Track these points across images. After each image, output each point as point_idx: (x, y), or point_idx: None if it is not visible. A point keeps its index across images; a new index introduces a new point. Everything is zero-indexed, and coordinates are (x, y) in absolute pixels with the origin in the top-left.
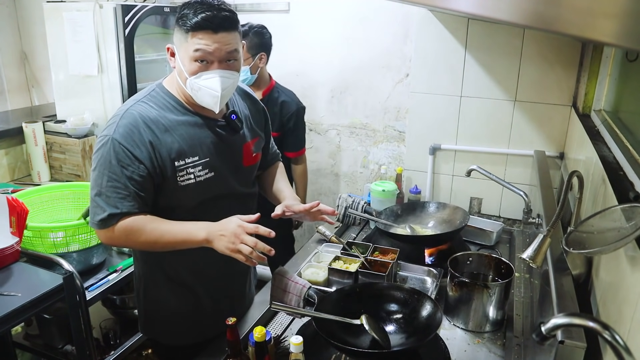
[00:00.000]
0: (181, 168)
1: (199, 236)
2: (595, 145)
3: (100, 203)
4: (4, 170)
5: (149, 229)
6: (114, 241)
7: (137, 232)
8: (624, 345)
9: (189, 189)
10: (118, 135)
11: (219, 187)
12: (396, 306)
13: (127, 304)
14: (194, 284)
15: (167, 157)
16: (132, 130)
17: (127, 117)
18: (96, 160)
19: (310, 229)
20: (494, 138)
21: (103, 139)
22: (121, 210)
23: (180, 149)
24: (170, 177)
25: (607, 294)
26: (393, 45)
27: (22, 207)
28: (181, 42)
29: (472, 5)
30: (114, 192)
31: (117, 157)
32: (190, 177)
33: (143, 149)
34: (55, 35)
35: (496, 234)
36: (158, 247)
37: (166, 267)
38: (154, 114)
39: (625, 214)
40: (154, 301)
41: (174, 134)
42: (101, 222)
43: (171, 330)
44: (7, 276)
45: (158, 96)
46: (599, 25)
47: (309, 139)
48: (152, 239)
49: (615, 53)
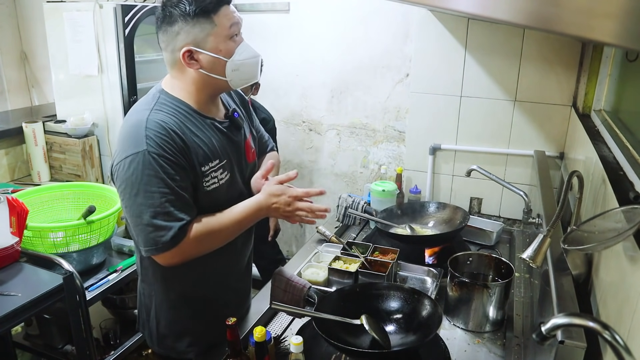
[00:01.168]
0: (207, 173)
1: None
2: (595, 145)
3: (162, 224)
4: (4, 170)
5: (216, 225)
6: (187, 253)
7: (208, 232)
8: (624, 345)
9: (213, 193)
10: (153, 146)
11: (233, 188)
12: (396, 306)
13: (127, 304)
14: (203, 295)
15: (196, 163)
16: (165, 139)
17: (153, 127)
18: (137, 181)
19: (310, 228)
20: (494, 138)
21: (135, 157)
22: (189, 219)
23: (203, 153)
24: (196, 183)
25: (607, 294)
26: (393, 45)
27: (22, 207)
28: (206, 31)
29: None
30: (171, 206)
31: (162, 170)
32: (215, 180)
33: (180, 155)
34: (55, 35)
35: (496, 234)
36: (228, 238)
37: (175, 285)
38: (172, 121)
39: (627, 216)
40: (165, 319)
41: (195, 139)
42: (172, 240)
43: (184, 344)
44: (7, 276)
45: (167, 103)
46: (599, 25)
47: (309, 138)
48: (222, 237)
49: (615, 53)
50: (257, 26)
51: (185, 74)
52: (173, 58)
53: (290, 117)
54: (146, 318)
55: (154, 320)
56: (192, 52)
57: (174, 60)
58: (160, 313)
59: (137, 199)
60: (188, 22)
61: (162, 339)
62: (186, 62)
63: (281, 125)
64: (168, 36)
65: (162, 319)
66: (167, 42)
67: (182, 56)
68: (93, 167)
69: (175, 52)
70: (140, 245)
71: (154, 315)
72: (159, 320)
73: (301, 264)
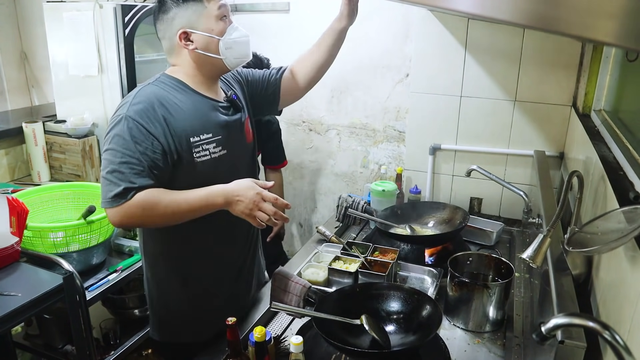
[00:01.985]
0: (197, 144)
1: (217, 201)
2: (595, 145)
3: (113, 179)
4: (4, 170)
5: (166, 200)
6: (129, 219)
7: (154, 204)
8: (624, 345)
9: (206, 165)
10: (132, 112)
11: (232, 165)
12: (396, 306)
13: (127, 304)
14: (207, 280)
15: (183, 134)
16: (146, 108)
17: (140, 96)
18: (109, 140)
19: (310, 229)
20: (494, 138)
21: (116, 118)
22: (138, 185)
23: (193, 126)
24: (186, 153)
25: (607, 294)
26: (393, 45)
27: (22, 207)
28: (198, 12)
29: (472, 5)
30: (127, 168)
31: (131, 133)
32: (206, 153)
33: (157, 125)
34: (55, 35)
35: (496, 234)
36: (176, 218)
37: (180, 265)
38: (165, 93)
39: (627, 216)
40: (167, 302)
41: (187, 112)
42: (115, 197)
43: (186, 328)
44: (7, 276)
45: (166, 80)
46: (599, 25)
47: (309, 138)
48: (169, 211)
49: (615, 53)
50: (257, 26)
51: (183, 56)
52: (171, 44)
53: (290, 117)
54: (151, 304)
55: (156, 304)
56: (187, 33)
57: (171, 46)
58: (164, 298)
59: (105, 154)
60: (180, 6)
61: (165, 325)
62: (183, 44)
63: (281, 125)
64: (165, 24)
65: (166, 304)
66: (164, 30)
67: (178, 38)
68: (93, 167)
69: (173, 37)
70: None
71: (157, 300)
72: (163, 305)
73: (301, 264)
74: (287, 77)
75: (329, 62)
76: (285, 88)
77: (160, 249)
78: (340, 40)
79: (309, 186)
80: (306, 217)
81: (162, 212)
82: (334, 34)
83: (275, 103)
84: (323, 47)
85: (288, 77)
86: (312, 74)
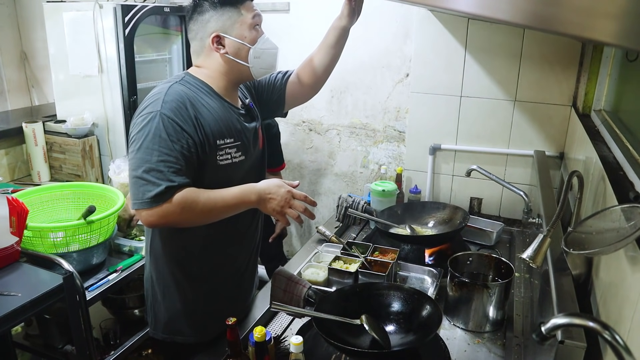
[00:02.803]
0: (221, 147)
1: (251, 198)
2: (595, 145)
3: (151, 179)
4: (4, 170)
5: (203, 198)
6: (168, 217)
7: (193, 202)
8: (624, 345)
9: (226, 169)
10: (166, 109)
11: (246, 170)
12: (396, 306)
13: (127, 304)
14: (213, 279)
15: (210, 135)
16: (179, 106)
17: (172, 94)
18: (142, 138)
19: (310, 229)
20: (494, 138)
21: (148, 115)
22: (178, 183)
23: (220, 128)
24: (210, 155)
25: (607, 294)
26: (393, 45)
27: (22, 207)
28: (234, 19)
29: (472, 5)
30: (166, 167)
31: (167, 131)
32: (228, 157)
33: (190, 123)
34: (55, 35)
35: (496, 234)
36: (213, 215)
37: (187, 264)
38: (193, 94)
39: (625, 214)
40: (173, 301)
41: (214, 114)
42: (156, 197)
43: (190, 327)
44: (7, 276)
45: (191, 82)
46: (599, 25)
47: (309, 138)
48: (207, 208)
49: (615, 53)
50: None
51: (212, 59)
52: (202, 45)
53: (290, 117)
54: (152, 303)
55: (160, 304)
56: (220, 37)
57: (202, 47)
58: (167, 296)
59: (138, 153)
60: (217, 10)
61: (167, 323)
62: (214, 47)
63: (281, 125)
64: (198, 24)
65: (168, 301)
66: (197, 31)
67: (211, 41)
68: (93, 167)
69: (205, 39)
70: (131, 198)
71: (161, 299)
72: (164, 302)
73: (301, 264)
74: (292, 81)
75: (334, 62)
76: (291, 92)
77: (168, 248)
78: (343, 39)
79: (309, 186)
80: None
81: (199, 211)
82: (336, 33)
83: (281, 107)
84: (326, 47)
85: (294, 81)
86: (317, 75)
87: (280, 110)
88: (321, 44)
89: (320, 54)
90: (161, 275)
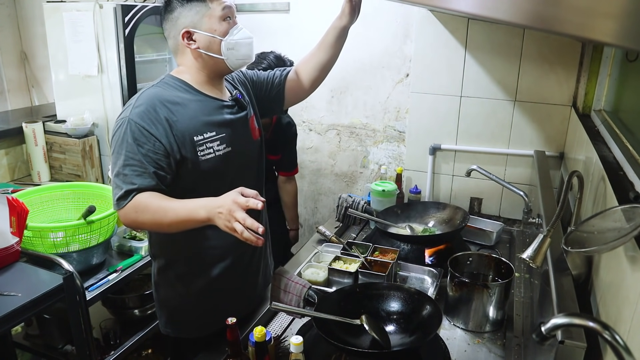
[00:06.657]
0: (200, 143)
1: (200, 215)
2: (595, 145)
3: (118, 183)
4: (4, 170)
5: (155, 206)
6: (127, 220)
7: (145, 209)
8: (624, 345)
9: (211, 162)
10: (134, 115)
11: (238, 162)
12: (396, 306)
13: (127, 304)
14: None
15: (186, 133)
16: (147, 110)
17: (142, 99)
18: (114, 144)
19: (310, 229)
20: (494, 138)
21: (119, 122)
22: (138, 185)
23: (197, 125)
24: (190, 152)
25: (607, 294)
26: (393, 45)
27: (22, 207)
28: (202, 13)
29: (472, 5)
30: (130, 170)
31: (133, 135)
32: (210, 151)
33: (159, 126)
34: (55, 35)
35: (496, 234)
36: (164, 227)
37: (191, 260)
38: (168, 94)
39: (626, 215)
40: (176, 294)
41: (190, 111)
42: (119, 199)
43: (195, 323)
44: (7, 276)
45: (170, 81)
46: (599, 25)
47: (309, 138)
48: (157, 218)
49: (615, 53)
50: (257, 26)
51: (186, 56)
52: (176, 43)
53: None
54: (158, 298)
55: (165, 300)
56: (190, 32)
57: (176, 45)
58: (170, 291)
59: (112, 158)
60: (185, 6)
61: (173, 318)
62: (186, 43)
63: None
64: (170, 23)
65: (172, 297)
66: (170, 29)
67: (181, 37)
68: (93, 167)
69: (177, 37)
70: None
71: (164, 295)
72: (169, 298)
73: (301, 264)
74: (291, 78)
75: (332, 60)
76: (289, 89)
77: (167, 244)
78: (342, 39)
79: (309, 186)
80: (306, 217)
81: (150, 218)
82: (335, 32)
83: (280, 104)
84: (325, 45)
85: (293, 78)
86: (315, 73)
87: (279, 106)
88: (320, 43)
89: (319, 53)
90: (162, 270)
